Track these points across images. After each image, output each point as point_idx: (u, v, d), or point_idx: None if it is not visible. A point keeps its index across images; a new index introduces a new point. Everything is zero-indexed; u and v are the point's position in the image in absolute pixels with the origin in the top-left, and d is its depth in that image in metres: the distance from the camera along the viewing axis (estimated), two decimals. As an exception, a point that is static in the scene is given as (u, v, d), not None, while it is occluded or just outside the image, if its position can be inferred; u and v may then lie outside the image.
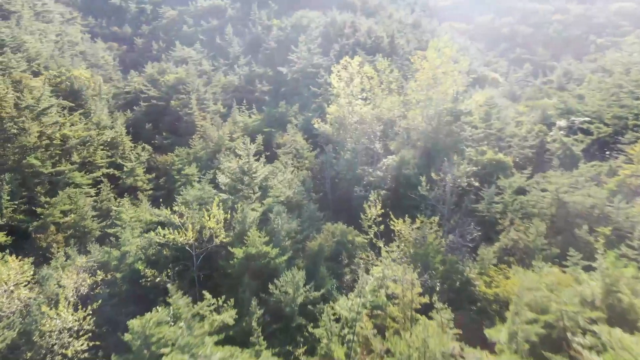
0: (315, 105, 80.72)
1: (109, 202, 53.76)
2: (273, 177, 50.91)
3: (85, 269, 38.40)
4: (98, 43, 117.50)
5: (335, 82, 64.20)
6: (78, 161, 59.03)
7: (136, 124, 79.47)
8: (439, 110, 59.65)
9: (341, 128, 63.19)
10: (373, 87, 64.17)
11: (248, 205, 45.36)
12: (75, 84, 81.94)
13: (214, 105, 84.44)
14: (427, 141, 57.23)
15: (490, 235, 44.81)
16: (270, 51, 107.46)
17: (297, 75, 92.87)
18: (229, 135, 70.61)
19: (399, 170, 52.15)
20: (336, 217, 52.97)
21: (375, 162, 57.74)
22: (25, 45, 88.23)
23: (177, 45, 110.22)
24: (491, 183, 50.33)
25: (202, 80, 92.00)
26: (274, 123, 76.83)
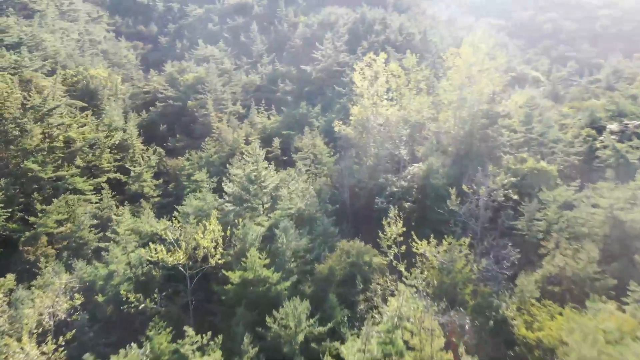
0: (339, 106, 75.36)
1: (110, 211, 49.78)
2: (285, 186, 45.82)
3: (66, 290, 34.20)
4: (121, 42, 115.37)
5: (359, 81, 58.64)
6: (82, 165, 55.40)
7: (151, 125, 75.96)
8: (474, 112, 53.38)
9: (364, 131, 57.63)
10: (399, 87, 58.38)
11: (252, 219, 40.50)
12: (92, 83, 79.12)
13: (233, 105, 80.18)
14: (459, 147, 51.13)
15: (531, 259, 38.51)
16: (295, 49, 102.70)
17: (322, 74, 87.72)
18: (245, 138, 66.01)
19: (426, 180, 46.29)
20: (355, 231, 47.55)
21: (400, 170, 52.00)
22: (44, 44, 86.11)
23: (200, 44, 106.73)
24: (532, 196, 43.87)
25: (222, 80, 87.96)
26: (294, 125, 71.83)
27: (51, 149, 55.53)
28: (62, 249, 45.18)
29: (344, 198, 50.14)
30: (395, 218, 36.62)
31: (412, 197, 46.52)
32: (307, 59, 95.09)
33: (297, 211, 43.00)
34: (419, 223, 44.54)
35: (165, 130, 74.27)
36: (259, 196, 42.86)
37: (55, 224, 45.96)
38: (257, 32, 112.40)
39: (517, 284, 32.52)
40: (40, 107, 57.93)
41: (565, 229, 39.32)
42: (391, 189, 47.28)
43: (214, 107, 76.11)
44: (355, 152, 58.85)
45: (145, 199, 55.21)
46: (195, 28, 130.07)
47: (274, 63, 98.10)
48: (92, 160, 57.97)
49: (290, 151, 63.70)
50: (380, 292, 34.94)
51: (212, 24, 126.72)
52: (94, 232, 46.73)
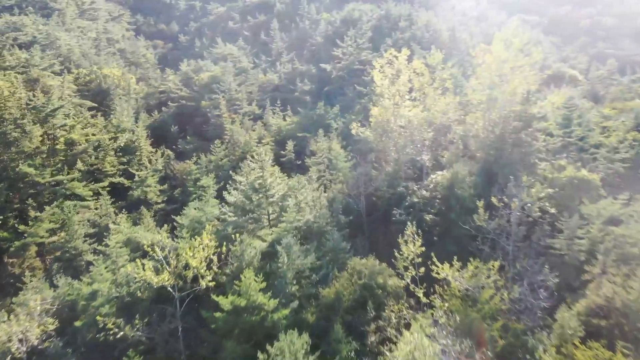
0: (359, 107, 70.85)
1: (109, 218, 46.47)
2: (293, 196, 41.56)
3: (42, 312, 30.75)
4: (140, 41, 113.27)
5: (379, 80, 53.93)
6: (83, 169, 52.33)
7: (163, 126, 72.85)
8: (505, 114, 48.17)
9: (384, 134, 52.97)
10: (423, 86, 53.44)
11: (252, 234, 36.44)
12: (104, 83, 76.58)
13: (248, 106, 76.46)
14: (489, 153, 46.00)
15: (571, 285, 33.32)
16: (316, 47, 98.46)
17: (342, 73, 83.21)
18: (257, 140, 62.10)
19: (450, 189, 41.34)
20: (370, 246, 43.08)
21: (422, 178, 47.16)
22: (58, 43, 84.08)
23: (218, 42, 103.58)
24: (572, 210, 38.60)
25: (238, 79, 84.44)
26: (311, 127, 67.56)
27: (52, 152, 52.76)
28: (54, 260, 42.10)
29: (359, 208, 45.63)
30: (413, 235, 31.93)
31: (435, 209, 41.65)
32: (327, 57, 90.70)
33: (304, 224, 38.73)
34: (442, 239, 39.73)
35: (176, 131, 71.07)
36: (263, 206, 38.68)
37: (47, 233, 42.89)
38: (277, 29, 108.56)
39: (557, 319, 27.44)
40: (44, 107, 55.18)
41: (612, 249, 33.91)
42: (411, 200, 42.52)
43: (227, 107, 72.53)
44: (374, 157, 54.36)
45: (147, 205, 51.82)
46: (216, 26, 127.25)
47: (293, 62, 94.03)
48: (95, 163, 54.95)
49: (305, 155, 59.57)
50: (394, 320, 30.43)
51: (232, 22, 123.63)
52: (88, 242, 43.49)
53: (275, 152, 61.85)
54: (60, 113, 56.16)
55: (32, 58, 69.98)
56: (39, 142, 52.14)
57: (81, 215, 47.51)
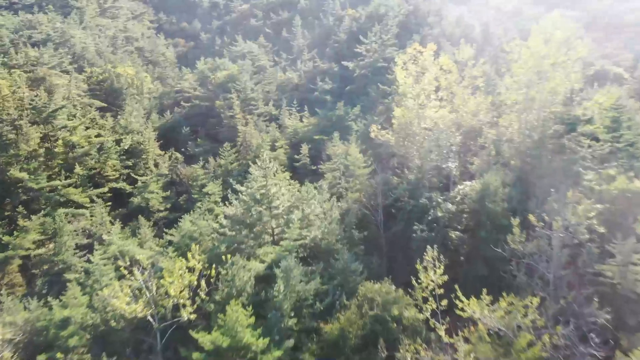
0: (382, 108, 65.77)
1: (103, 228, 42.82)
2: (301, 207, 36.93)
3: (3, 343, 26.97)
4: (160, 39, 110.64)
5: (402, 78, 48.82)
6: (82, 173, 48.92)
7: (175, 127, 69.28)
8: (545, 116, 42.55)
9: (407, 138, 47.86)
10: (451, 84, 48.02)
11: (252, 252, 31.96)
12: (117, 82, 73.63)
13: (265, 106, 72.23)
14: (525, 160, 40.45)
15: (627, 323, 27.68)
16: (339, 44, 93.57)
17: (366, 71, 78.16)
18: (270, 143, 57.73)
19: (480, 203, 35.94)
20: (388, 266, 38.20)
21: (448, 188, 41.85)
22: (72, 41, 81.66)
23: (238, 40, 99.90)
24: (625, 229, 32.74)
25: (257, 78, 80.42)
26: (330, 129, 62.86)
27: (50, 155, 49.56)
28: (40, 275, 38.62)
29: (376, 221, 40.63)
30: (434, 262, 26.86)
31: (462, 226, 36.36)
32: (351, 55, 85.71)
33: (311, 241, 34.04)
34: (470, 260, 34.57)
35: (188, 133, 67.37)
36: (265, 220, 34.15)
37: (33, 244, 39.45)
38: (300, 26, 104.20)
39: (613, 374, 22.04)
40: (45, 107, 52.13)
41: (677, 280, 28.18)
42: (435, 213, 37.28)
43: (242, 107, 68.50)
44: (396, 164, 49.34)
45: (148, 214, 48.06)
46: (239, 24, 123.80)
47: (315, 60, 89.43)
48: (96, 167, 51.56)
49: (321, 159, 54.94)
50: (410, 363, 25.47)
51: (254, 20, 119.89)
52: (79, 255, 39.90)
53: (290, 156, 57.48)
54: (63, 114, 53.06)
55: (41, 56, 67.42)
56: (37, 145, 49.04)
57: (75, 224, 44.08)
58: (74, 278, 33.21)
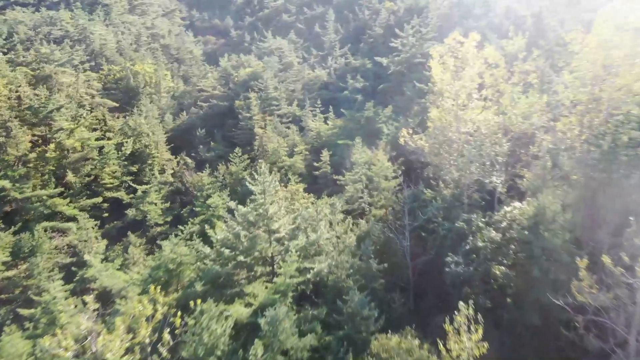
0: (417, 108, 58.26)
1: (87, 247, 37.48)
2: (305, 232, 30.25)
3: None
4: (188, 37, 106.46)
5: (438, 73, 41.28)
6: (74, 181, 43.94)
7: (190, 129, 63.99)
8: (616, 120, 34.16)
9: (443, 145, 40.31)
10: (498, 81, 40.13)
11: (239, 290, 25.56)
12: (133, 80, 69.12)
13: (288, 106, 65.91)
14: (591, 176, 32.23)
15: None
16: (374, 39, 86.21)
17: (401, 68, 70.56)
18: (288, 148, 51.32)
19: (533, 231, 28.11)
20: (415, 306, 31.10)
21: (492, 208, 34.14)
22: (92, 37, 77.89)
23: (268, 35, 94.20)
24: None
25: (283, 76, 74.28)
26: (357, 132, 55.84)
27: (42, 160, 44.83)
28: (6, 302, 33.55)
29: (403, 247, 33.40)
30: (468, 321, 19.56)
31: (509, 260, 28.61)
32: (386, 50, 78.31)
33: (314, 276, 27.26)
34: (518, 305, 26.91)
35: (203, 135, 61.84)
36: (259, 248, 27.62)
37: (2, 265, 34.45)
38: (333, 20, 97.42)
39: None
40: (43, 107, 47.62)
41: None
42: (474, 242, 29.75)
43: (262, 107, 62.46)
44: (429, 176, 41.92)
45: (146, 228, 42.57)
46: (271, 20, 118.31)
47: (347, 56, 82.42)
48: (92, 174, 46.57)
49: (345, 167, 48.06)
50: None
51: (287, 15, 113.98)
52: (55, 279, 34.60)
53: (310, 162, 50.83)
54: (62, 114, 48.39)
55: (52, 53, 63.48)
56: (27, 149, 44.43)
57: (60, 240, 39.02)
58: (30, 313, 27.70)
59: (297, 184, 41.13)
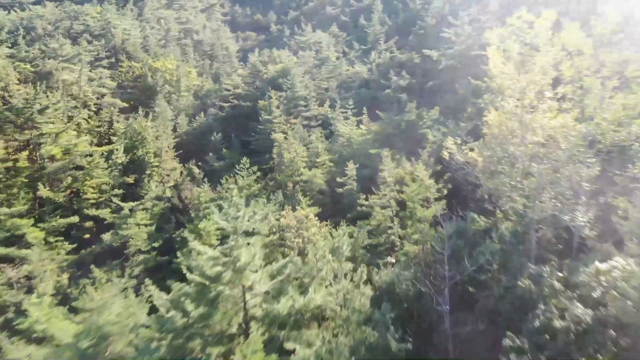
0: (472, 110, 47.81)
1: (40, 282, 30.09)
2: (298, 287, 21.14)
3: None
4: (225, 32, 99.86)
5: (497, 64, 30.87)
6: (47, 196, 36.90)
7: (206, 132, 56.38)
8: None
9: (501, 161, 29.86)
10: (581, 74, 29.29)
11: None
12: (151, 78, 62.49)
13: (318, 107, 56.89)
14: None
15: None
16: (425, 30, 75.52)
17: (454, 62, 59.90)
18: (308, 159, 42.32)
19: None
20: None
21: (572, 255, 23.59)
22: (114, 32, 72.18)
23: (306, 29, 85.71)
24: None
25: (316, 72, 65.47)
26: (395, 139, 46.21)
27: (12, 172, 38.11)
28: None
29: (441, 308, 23.50)
30: None
31: (605, 351, 18.19)
32: (438, 42, 67.68)
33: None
34: None
35: (219, 140, 53.89)
36: (217, 319, 18.78)
37: None
38: (380, 11, 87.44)
39: None
40: (27, 108, 41.12)
41: None
42: (547, 316, 19.48)
43: (286, 109, 53.85)
44: (485, 196, 31.62)
45: (126, 258, 34.84)
46: (315, 14, 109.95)
47: (392, 49, 72.34)
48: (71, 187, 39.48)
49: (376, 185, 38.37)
50: None
51: (332, 8, 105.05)
52: None
53: (333, 175, 41.55)
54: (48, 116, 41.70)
55: (60, 48, 57.60)
56: (2, 156, 37.90)
57: (16, 270, 31.91)
58: None
59: (308, 207, 32.01)
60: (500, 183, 28.89)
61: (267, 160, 47.68)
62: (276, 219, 30.22)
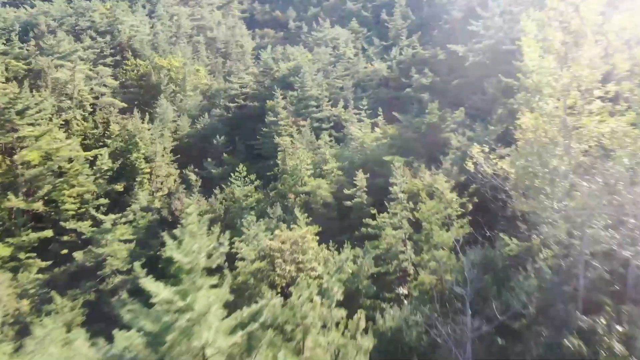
0: (503, 111, 42.30)
1: None
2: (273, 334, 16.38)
3: None
4: (242, 29, 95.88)
5: (534, 57, 25.46)
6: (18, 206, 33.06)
7: (209, 135, 52.11)
8: None
9: (539, 176, 24.43)
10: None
11: None
12: (154, 76, 58.70)
13: (332, 108, 52.01)
14: None
15: None
16: (451, 24, 69.90)
17: (483, 58, 54.19)
18: (313, 167, 37.47)
19: None
20: None
21: (627, 296, 18.21)
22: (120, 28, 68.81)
23: (324, 24, 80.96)
24: None
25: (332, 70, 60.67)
26: (415, 144, 41.02)
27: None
28: None
29: None
30: None
31: None
32: (466, 38, 61.98)
33: None
34: None
35: (222, 143, 49.50)
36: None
37: None
38: (404, 5, 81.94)
39: None
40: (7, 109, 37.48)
41: None
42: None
43: (296, 110, 49.14)
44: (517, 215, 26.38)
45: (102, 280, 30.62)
46: (336, 9, 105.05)
47: (415, 45, 66.85)
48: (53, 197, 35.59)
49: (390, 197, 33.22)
50: None
51: (352, 3, 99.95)
52: None
53: (342, 186, 36.61)
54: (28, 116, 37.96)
55: (57, 44, 54.15)
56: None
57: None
58: None
59: (306, 224, 27.21)
60: (538, 204, 23.54)
61: (272, 167, 43.07)
62: (270, 239, 25.56)
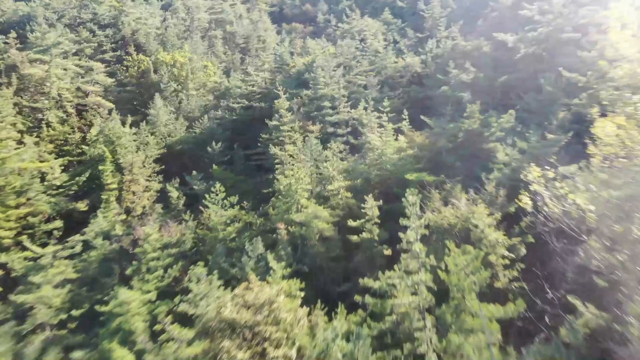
0: (565, 114, 32.96)
1: None
2: None
3: None
4: (265, 23, 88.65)
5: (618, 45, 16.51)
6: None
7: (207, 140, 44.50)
8: None
9: (630, 212, 15.34)
10: None
11: None
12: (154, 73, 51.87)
13: (348, 111, 43.35)
14: None
15: None
16: (499, 13, 59.84)
17: (537, 49, 44.34)
18: (310, 185, 29.06)
19: None
20: None
21: None
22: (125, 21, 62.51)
23: (352, 15, 72.49)
24: None
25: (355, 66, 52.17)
26: (449, 156, 32.03)
27: None
28: None
29: None
30: None
31: None
32: (516, 27, 51.99)
33: None
34: None
35: (220, 150, 41.67)
36: None
37: None
38: (443, -7, 72.45)
39: None
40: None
41: None
42: None
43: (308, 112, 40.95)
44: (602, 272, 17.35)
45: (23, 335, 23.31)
46: (369, 2, 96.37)
47: (455, 36, 57.28)
48: None
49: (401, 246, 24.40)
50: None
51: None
52: None
53: (350, 213, 28.08)
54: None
55: (42, 36, 47.88)
56: None
57: None
58: None
59: (283, 278, 18.91)
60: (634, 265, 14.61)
61: (271, 183, 34.89)
62: (220, 305, 17.50)
